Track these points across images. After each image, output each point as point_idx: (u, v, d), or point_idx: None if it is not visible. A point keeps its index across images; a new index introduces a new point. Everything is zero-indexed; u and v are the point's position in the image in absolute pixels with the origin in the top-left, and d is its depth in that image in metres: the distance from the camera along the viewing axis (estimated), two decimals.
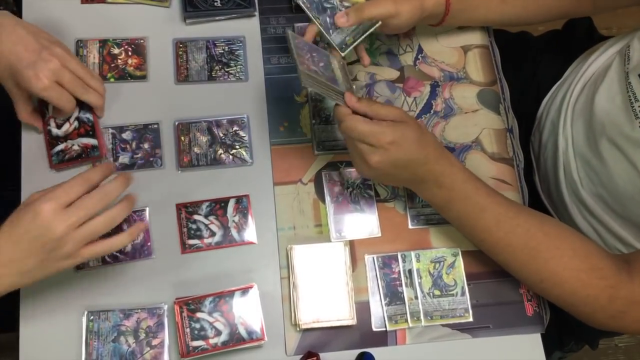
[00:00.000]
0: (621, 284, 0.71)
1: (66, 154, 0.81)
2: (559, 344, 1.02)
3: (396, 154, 0.70)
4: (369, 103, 0.72)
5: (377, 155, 0.70)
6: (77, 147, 0.82)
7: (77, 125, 0.83)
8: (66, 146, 0.82)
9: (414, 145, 0.71)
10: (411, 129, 0.71)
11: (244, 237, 0.81)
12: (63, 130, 0.82)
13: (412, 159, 0.71)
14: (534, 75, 1.04)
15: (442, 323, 0.80)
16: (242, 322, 0.76)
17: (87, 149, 0.82)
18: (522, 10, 0.90)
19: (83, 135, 0.82)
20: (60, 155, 0.81)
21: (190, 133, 0.85)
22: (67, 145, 0.82)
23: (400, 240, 0.83)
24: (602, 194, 0.86)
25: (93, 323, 0.75)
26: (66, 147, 0.82)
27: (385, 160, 0.71)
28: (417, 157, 0.72)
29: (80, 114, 0.83)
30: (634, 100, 0.79)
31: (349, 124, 0.71)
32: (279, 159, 0.86)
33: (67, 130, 0.82)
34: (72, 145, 0.82)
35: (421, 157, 0.72)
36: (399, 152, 0.70)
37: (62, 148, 0.81)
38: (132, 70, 0.88)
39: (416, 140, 0.71)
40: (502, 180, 0.88)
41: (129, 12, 0.91)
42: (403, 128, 0.71)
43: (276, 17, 0.93)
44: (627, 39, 0.89)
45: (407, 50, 0.94)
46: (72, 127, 0.82)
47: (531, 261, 0.74)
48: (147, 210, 0.81)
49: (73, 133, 0.82)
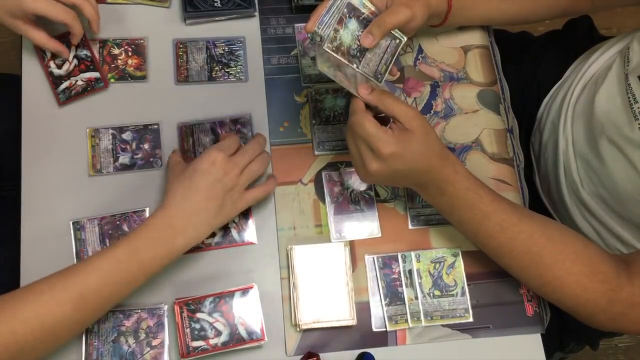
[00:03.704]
0: (621, 287, 0.71)
1: (72, 90, 0.85)
2: (559, 345, 1.02)
3: (396, 165, 0.70)
4: (381, 96, 0.71)
5: (376, 163, 0.70)
6: (81, 82, 0.85)
7: (77, 62, 0.86)
8: (70, 83, 0.85)
9: (417, 157, 0.70)
10: (416, 140, 0.70)
11: (244, 238, 0.81)
12: (64, 69, 0.86)
13: (414, 169, 0.71)
14: (534, 75, 1.04)
15: (442, 323, 0.80)
16: (242, 322, 0.76)
17: (91, 82, 0.86)
18: (522, 8, 0.90)
19: (84, 71, 0.86)
20: (66, 93, 0.85)
21: (194, 134, 0.85)
22: (71, 82, 0.85)
23: (401, 241, 0.83)
24: (602, 195, 0.86)
25: (93, 323, 0.75)
26: (70, 83, 0.85)
27: (384, 169, 0.70)
28: (420, 167, 0.71)
29: (78, 52, 0.86)
30: (633, 102, 0.79)
31: (357, 118, 0.70)
32: (279, 159, 0.86)
33: (69, 68, 0.86)
34: (75, 81, 0.85)
35: (423, 166, 0.71)
36: (399, 163, 0.70)
37: (67, 85, 0.85)
38: (132, 71, 0.88)
39: (420, 152, 0.70)
40: (502, 181, 0.87)
41: (129, 12, 0.91)
42: (408, 139, 0.69)
43: (276, 18, 0.93)
44: (628, 39, 0.89)
45: (407, 51, 0.94)
46: (73, 65, 0.86)
47: (533, 266, 0.73)
48: (147, 211, 0.81)
49: (74, 70, 0.86)
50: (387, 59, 0.74)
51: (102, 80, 0.85)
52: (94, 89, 0.85)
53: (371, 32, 0.71)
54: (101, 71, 0.86)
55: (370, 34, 0.71)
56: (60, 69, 0.85)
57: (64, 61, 0.86)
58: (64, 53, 0.85)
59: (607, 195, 0.85)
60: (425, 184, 0.74)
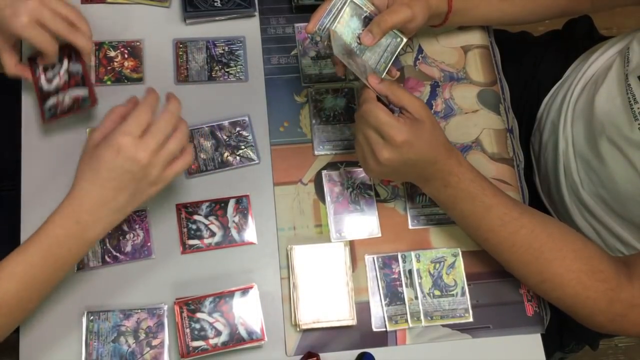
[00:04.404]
0: (621, 287, 0.71)
1: (58, 108, 0.81)
2: (559, 345, 1.02)
3: (407, 153, 0.70)
4: (391, 86, 0.71)
5: (388, 151, 0.70)
6: (67, 100, 0.81)
7: (67, 78, 0.82)
8: (57, 99, 0.81)
9: (426, 146, 0.71)
10: (426, 130, 0.71)
11: (244, 238, 0.81)
12: (54, 84, 0.82)
13: (422, 159, 0.71)
14: (534, 75, 1.04)
15: (442, 323, 0.80)
16: (242, 322, 0.76)
17: (78, 100, 0.81)
18: (521, 9, 0.90)
19: (74, 87, 0.82)
20: (52, 110, 0.81)
21: (194, 140, 0.85)
22: (58, 99, 0.81)
23: (400, 241, 0.83)
24: (602, 195, 0.86)
25: (93, 323, 0.75)
26: (57, 100, 0.81)
27: (396, 158, 0.70)
28: (428, 157, 0.71)
29: (70, 67, 0.82)
30: (633, 102, 0.79)
31: (370, 107, 0.70)
32: (279, 159, 0.86)
33: (59, 84, 0.82)
34: (63, 98, 0.81)
35: (431, 157, 0.72)
36: (410, 152, 0.70)
37: (54, 102, 0.81)
38: (129, 73, 0.88)
39: (429, 141, 0.71)
40: (502, 181, 0.87)
41: (129, 12, 0.91)
42: (418, 127, 0.70)
43: (276, 17, 0.93)
44: (627, 39, 0.89)
45: (407, 51, 0.94)
46: (63, 81, 0.82)
47: (534, 262, 0.74)
48: (147, 211, 0.81)
49: (64, 86, 0.82)
50: (387, 57, 0.75)
51: (91, 99, 0.80)
52: (79, 108, 0.80)
53: (371, 31, 0.72)
54: (91, 89, 0.81)
55: (370, 33, 0.72)
56: (50, 83, 0.82)
57: (55, 75, 0.82)
58: (28, 78, 0.81)
59: (607, 195, 0.85)
60: (429, 177, 0.74)
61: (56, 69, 0.82)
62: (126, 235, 0.80)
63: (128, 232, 0.80)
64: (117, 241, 0.79)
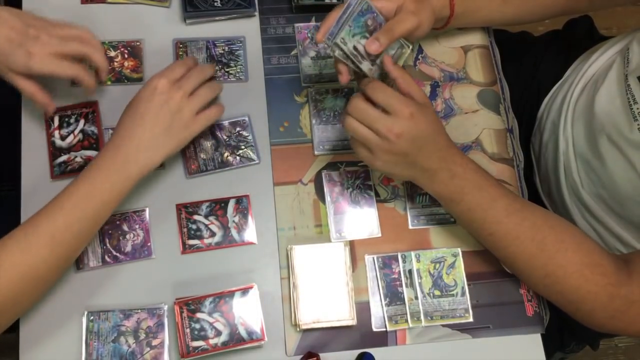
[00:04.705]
0: (620, 283, 0.71)
1: (68, 166, 0.81)
2: (559, 345, 1.02)
3: (416, 128, 0.70)
4: (402, 71, 0.73)
5: (399, 125, 0.69)
6: (79, 159, 0.82)
7: (81, 137, 0.83)
8: (69, 158, 0.82)
9: (431, 127, 0.71)
10: (430, 112, 0.72)
11: (244, 238, 0.81)
12: (67, 142, 0.82)
13: (429, 139, 0.71)
14: (534, 75, 1.04)
15: (442, 323, 0.80)
16: (242, 322, 0.76)
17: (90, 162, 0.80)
18: (521, 9, 0.90)
19: (87, 148, 0.82)
20: (62, 167, 0.81)
21: (195, 139, 0.84)
22: (69, 157, 0.82)
23: (400, 241, 0.83)
24: (602, 195, 0.86)
25: (93, 323, 0.75)
26: (69, 158, 0.82)
27: (407, 133, 0.69)
28: (433, 139, 0.72)
29: (85, 127, 0.83)
30: (632, 103, 0.79)
31: (377, 84, 0.71)
32: (279, 159, 0.86)
33: (71, 142, 0.82)
34: (75, 157, 0.82)
35: (436, 140, 0.72)
36: (419, 127, 0.70)
37: (65, 159, 0.81)
38: (129, 73, 0.88)
39: (433, 122, 0.72)
40: (502, 181, 0.87)
41: (129, 12, 0.91)
42: (424, 106, 0.72)
43: (276, 17, 0.93)
44: (627, 39, 0.90)
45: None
46: (77, 140, 0.82)
47: (538, 254, 0.73)
48: (147, 211, 0.81)
49: (77, 145, 0.82)
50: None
51: None
52: None
53: (378, 39, 0.71)
54: None
55: (377, 41, 0.71)
56: (63, 140, 0.82)
57: (70, 133, 0.82)
58: (49, 108, 0.79)
59: (607, 195, 0.85)
60: (436, 166, 0.73)
61: (71, 127, 0.83)
62: (126, 235, 0.80)
63: (128, 232, 0.80)
64: (117, 241, 0.79)
